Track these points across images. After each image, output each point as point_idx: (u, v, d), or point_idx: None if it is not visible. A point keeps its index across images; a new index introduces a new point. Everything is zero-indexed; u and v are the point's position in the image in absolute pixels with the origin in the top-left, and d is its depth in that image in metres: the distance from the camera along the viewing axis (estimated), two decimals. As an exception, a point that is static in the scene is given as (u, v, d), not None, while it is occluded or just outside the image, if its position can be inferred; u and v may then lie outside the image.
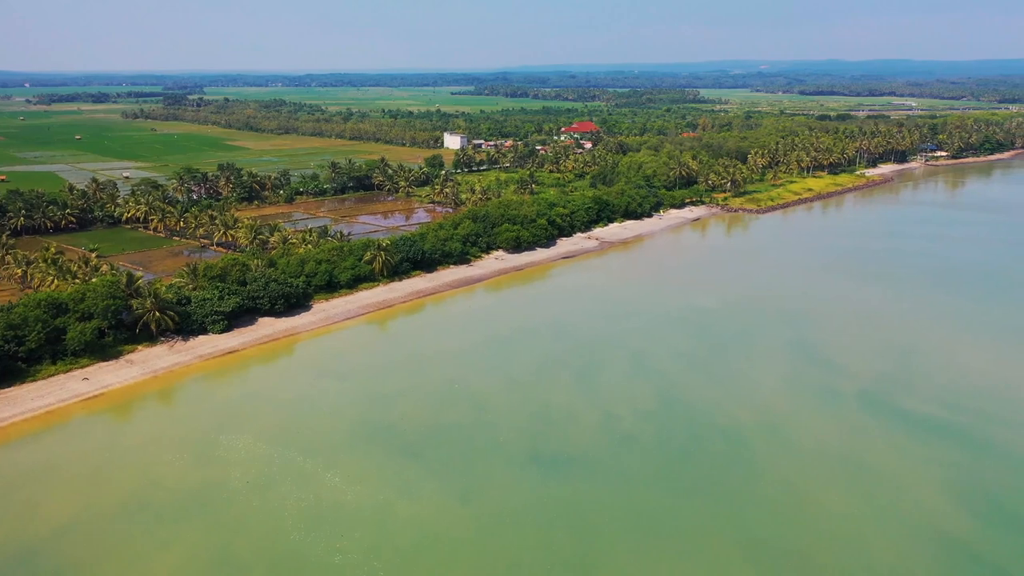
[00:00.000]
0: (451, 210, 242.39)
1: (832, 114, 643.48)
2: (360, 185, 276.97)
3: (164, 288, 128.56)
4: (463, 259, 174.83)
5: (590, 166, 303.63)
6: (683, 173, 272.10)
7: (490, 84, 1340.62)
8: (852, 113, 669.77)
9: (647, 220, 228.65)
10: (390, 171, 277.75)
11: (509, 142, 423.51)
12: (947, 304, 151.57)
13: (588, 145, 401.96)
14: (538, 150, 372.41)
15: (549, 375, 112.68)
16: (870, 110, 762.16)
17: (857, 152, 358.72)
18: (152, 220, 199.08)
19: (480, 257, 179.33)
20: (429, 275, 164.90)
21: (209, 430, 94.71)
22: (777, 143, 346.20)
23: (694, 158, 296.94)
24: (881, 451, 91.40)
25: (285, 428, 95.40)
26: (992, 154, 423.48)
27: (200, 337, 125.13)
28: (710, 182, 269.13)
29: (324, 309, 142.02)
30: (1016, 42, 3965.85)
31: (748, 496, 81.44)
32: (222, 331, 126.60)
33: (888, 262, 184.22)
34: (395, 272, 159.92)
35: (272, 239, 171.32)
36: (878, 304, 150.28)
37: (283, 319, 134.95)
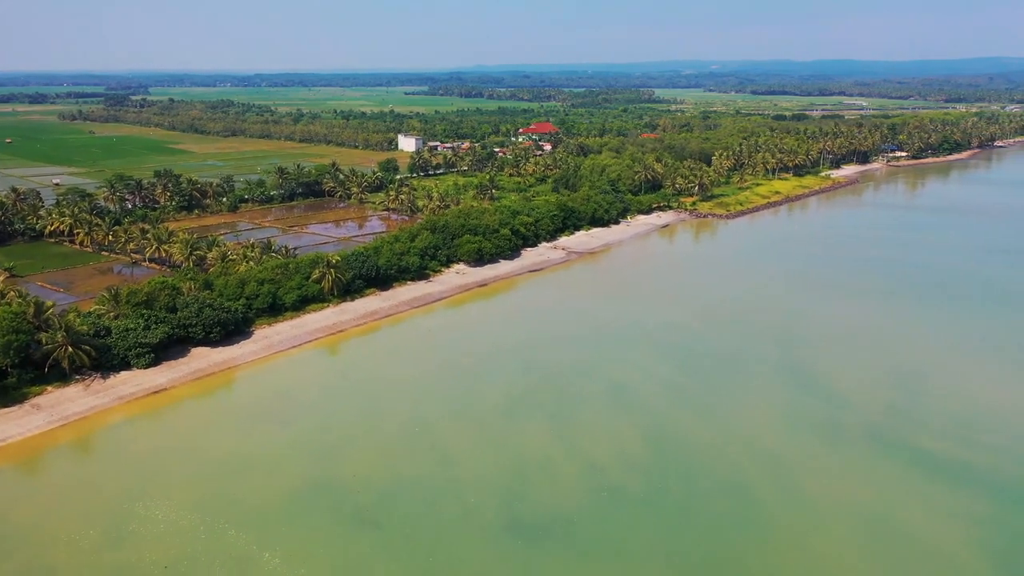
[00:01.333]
0: (407, 218, 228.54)
1: (787, 114, 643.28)
2: (310, 191, 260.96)
3: (80, 318, 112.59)
4: (421, 274, 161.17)
5: (551, 169, 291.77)
6: (648, 177, 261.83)
7: (444, 84, 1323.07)
8: (807, 113, 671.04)
9: (615, 227, 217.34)
10: (341, 176, 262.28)
11: (466, 144, 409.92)
12: (944, 318, 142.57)
13: (548, 147, 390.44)
14: (497, 152, 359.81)
15: (521, 415, 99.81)
16: (823, 109, 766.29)
17: (820, 153, 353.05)
18: (78, 234, 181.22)
19: (440, 272, 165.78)
20: (384, 293, 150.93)
21: (124, 496, 79.73)
22: (740, 144, 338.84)
23: (658, 160, 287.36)
24: (902, 503, 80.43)
25: (216, 491, 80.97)
26: (951, 154, 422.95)
27: (122, 374, 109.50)
28: (677, 186, 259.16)
29: (267, 336, 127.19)
30: (954, 44, 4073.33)
31: (761, 567, 69.65)
32: (148, 366, 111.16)
33: (873, 272, 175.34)
34: (347, 291, 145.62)
35: (210, 255, 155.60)
36: (869, 319, 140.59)
37: (220, 349, 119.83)
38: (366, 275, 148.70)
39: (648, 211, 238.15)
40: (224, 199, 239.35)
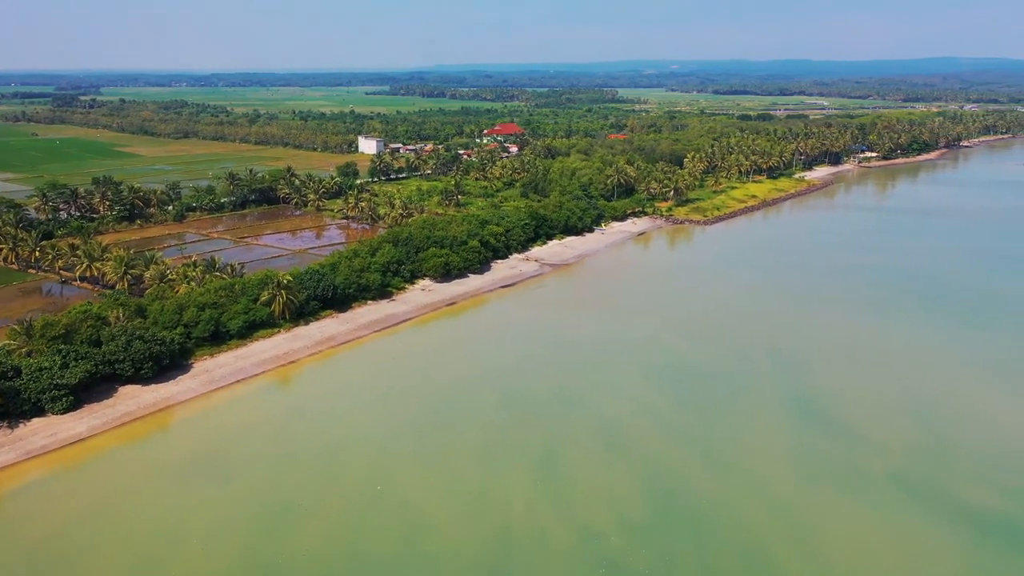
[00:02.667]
0: (368, 226, 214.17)
1: (752, 114, 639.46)
2: (263, 198, 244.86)
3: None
4: (384, 293, 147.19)
5: (519, 173, 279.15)
6: (621, 181, 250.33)
7: (406, 84, 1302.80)
8: (771, 113, 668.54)
9: (589, 236, 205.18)
10: (297, 182, 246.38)
11: (429, 146, 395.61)
12: (945, 332, 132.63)
13: (514, 149, 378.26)
14: (461, 155, 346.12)
15: (501, 462, 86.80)
16: (786, 109, 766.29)
17: (793, 155, 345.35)
18: (1, 249, 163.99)
19: (403, 289, 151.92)
20: (343, 315, 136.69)
21: (19, 588, 65.17)
22: (712, 146, 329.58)
23: (630, 163, 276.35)
24: (944, 569, 69.14)
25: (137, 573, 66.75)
26: (920, 154, 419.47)
27: (34, 422, 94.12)
28: (651, 190, 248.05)
29: (208, 369, 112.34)
30: (907, 45, 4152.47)
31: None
32: (66, 410, 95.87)
33: (864, 280, 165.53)
34: (300, 314, 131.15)
35: (148, 274, 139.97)
36: (867, 333, 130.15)
37: (152, 387, 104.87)
38: (322, 296, 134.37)
39: (623, 218, 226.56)
40: (170, 208, 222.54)
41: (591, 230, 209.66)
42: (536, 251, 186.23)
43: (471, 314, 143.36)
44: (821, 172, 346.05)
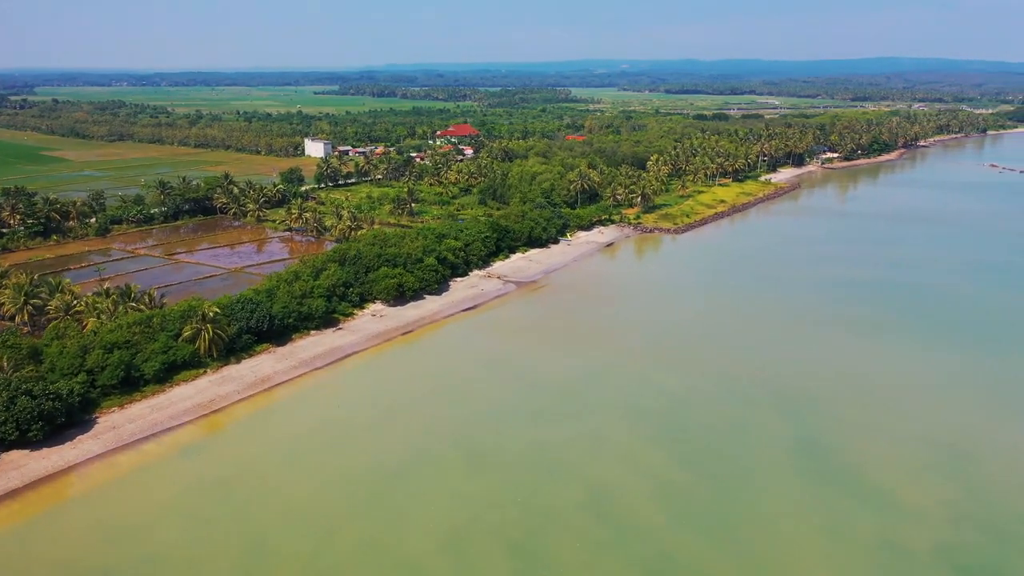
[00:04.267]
0: (313, 239, 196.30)
1: (707, 113, 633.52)
2: (198, 208, 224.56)
3: None
4: (329, 320, 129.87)
5: (476, 178, 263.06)
6: (585, 186, 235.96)
7: (355, 83, 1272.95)
8: (726, 112, 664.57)
9: (554, 248, 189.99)
10: (236, 190, 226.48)
11: (380, 148, 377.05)
12: (956, 359, 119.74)
13: (469, 151, 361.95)
14: (414, 158, 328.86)
15: (472, 556, 70.74)
16: (739, 108, 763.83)
17: (757, 156, 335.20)
18: None
19: (352, 316, 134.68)
20: (281, 349, 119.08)
21: None
22: (676, 148, 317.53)
23: (592, 167, 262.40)
24: None
25: None
26: (880, 155, 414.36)
27: None
28: (617, 196, 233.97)
29: (115, 425, 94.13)
30: (851, 44, 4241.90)
31: None
32: (-73, 490, 77.35)
33: (855, 297, 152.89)
34: (231, 350, 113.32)
35: (52, 304, 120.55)
36: (876, 364, 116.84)
37: (43, 452, 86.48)
38: (256, 328, 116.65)
39: (589, 227, 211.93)
40: (92, 220, 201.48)
41: (556, 241, 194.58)
42: (499, 266, 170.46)
43: (428, 344, 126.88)
44: (786, 174, 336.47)
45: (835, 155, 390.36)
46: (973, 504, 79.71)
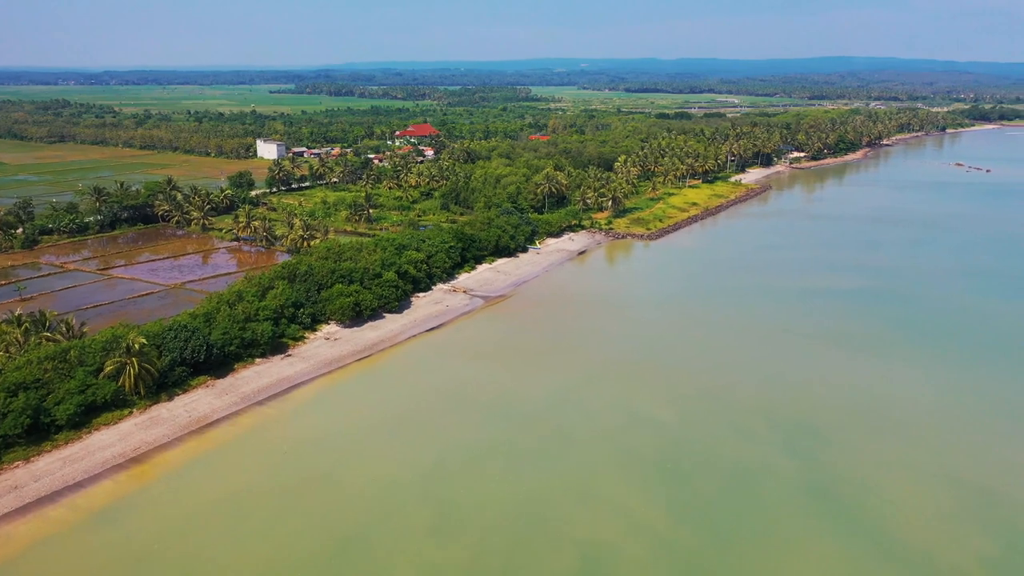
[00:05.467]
0: (263, 249, 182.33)
1: (669, 112, 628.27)
2: (139, 216, 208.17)
3: None
4: (277, 346, 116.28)
5: (438, 181, 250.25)
6: (552, 190, 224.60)
7: (312, 82, 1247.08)
8: (687, 111, 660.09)
9: (523, 257, 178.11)
10: (179, 196, 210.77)
11: (336, 150, 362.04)
12: (968, 379, 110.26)
13: (429, 152, 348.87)
14: (372, 160, 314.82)
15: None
16: (700, 107, 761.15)
17: (726, 157, 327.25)
18: None
19: (303, 340, 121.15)
20: (222, 382, 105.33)
21: None
22: (643, 148, 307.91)
23: (559, 168, 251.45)
24: None
25: None
26: (846, 154, 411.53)
27: None
28: (586, 200, 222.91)
29: (17, 483, 79.89)
30: (805, 44, 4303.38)
31: None
32: None
33: (850, 310, 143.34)
34: (162, 385, 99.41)
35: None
36: (882, 388, 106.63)
37: (-75, 523, 72.19)
38: (192, 359, 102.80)
39: (558, 233, 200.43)
40: (18, 231, 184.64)
41: (525, 250, 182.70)
42: (464, 279, 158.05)
43: (388, 370, 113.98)
44: (755, 174, 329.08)
45: (802, 154, 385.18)
46: (1012, 558, 69.66)
